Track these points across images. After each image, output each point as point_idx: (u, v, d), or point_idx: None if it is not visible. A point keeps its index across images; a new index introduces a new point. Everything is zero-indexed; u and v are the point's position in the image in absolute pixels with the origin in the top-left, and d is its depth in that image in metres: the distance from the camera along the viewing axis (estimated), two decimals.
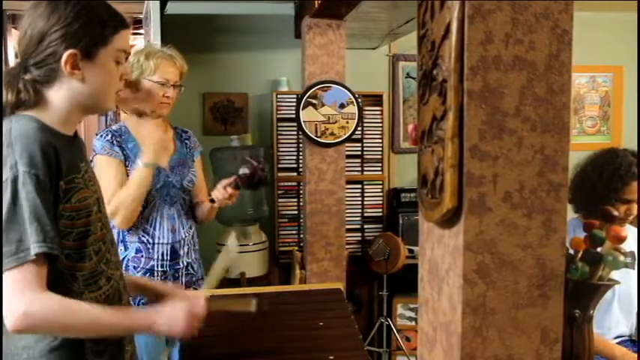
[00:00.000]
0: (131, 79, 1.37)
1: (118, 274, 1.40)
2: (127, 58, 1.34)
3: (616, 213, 1.31)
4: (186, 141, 2.25)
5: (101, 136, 2.06)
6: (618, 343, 2.06)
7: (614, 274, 1.27)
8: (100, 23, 1.25)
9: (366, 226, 3.68)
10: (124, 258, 2.06)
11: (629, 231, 1.96)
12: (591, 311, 1.24)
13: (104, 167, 1.99)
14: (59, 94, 1.26)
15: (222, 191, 2.13)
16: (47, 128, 1.24)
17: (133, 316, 1.32)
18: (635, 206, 2.00)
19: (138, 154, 2.07)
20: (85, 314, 1.20)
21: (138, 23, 3.32)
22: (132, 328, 1.31)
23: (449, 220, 0.80)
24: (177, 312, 1.32)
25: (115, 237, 1.99)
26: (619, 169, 1.99)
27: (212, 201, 2.18)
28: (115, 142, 2.05)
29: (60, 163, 1.21)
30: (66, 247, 1.24)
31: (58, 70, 1.23)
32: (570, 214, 2.09)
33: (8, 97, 1.25)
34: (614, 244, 1.23)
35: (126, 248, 2.09)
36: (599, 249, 1.25)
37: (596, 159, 2.08)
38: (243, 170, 2.10)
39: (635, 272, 2.01)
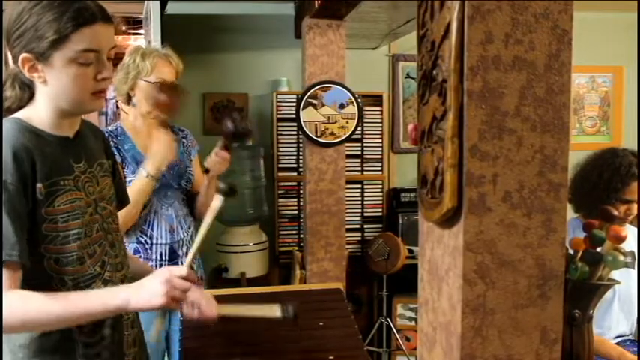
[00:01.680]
0: (112, 77, 1.26)
1: (118, 276, 1.37)
2: (107, 56, 1.23)
3: (616, 213, 1.31)
4: (183, 140, 2.25)
5: None
6: (618, 343, 2.06)
7: (614, 274, 1.27)
8: (51, 24, 1.15)
9: (366, 226, 3.68)
10: None
11: (629, 231, 1.96)
12: (591, 311, 1.24)
13: None
14: (40, 95, 1.24)
15: (213, 157, 2.10)
16: (31, 130, 1.22)
17: (103, 297, 1.18)
18: (634, 206, 2.00)
19: (135, 155, 2.07)
20: (45, 307, 1.13)
21: (138, 23, 3.32)
22: (106, 310, 1.18)
23: (449, 220, 0.80)
24: (153, 281, 1.20)
25: None
26: (619, 169, 1.99)
27: (206, 171, 2.14)
28: (111, 143, 2.04)
29: (36, 167, 1.18)
30: (53, 251, 1.22)
31: None
32: (570, 214, 2.09)
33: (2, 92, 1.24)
34: (614, 243, 1.24)
35: None
36: (598, 249, 1.25)
37: (596, 159, 2.08)
38: (226, 125, 2.06)
39: (634, 272, 2.01)
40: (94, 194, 1.32)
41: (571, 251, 1.26)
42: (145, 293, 1.19)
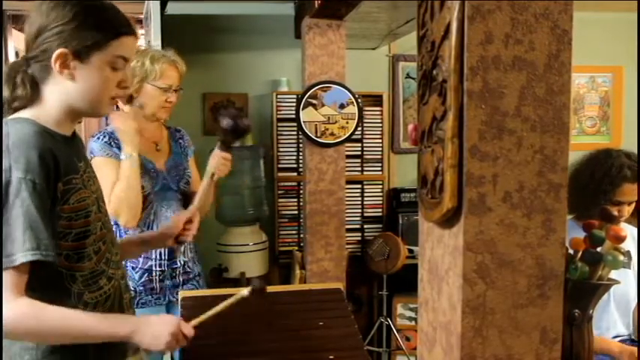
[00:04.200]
0: (130, 85, 1.35)
1: (119, 274, 1.40)
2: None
3: (615, 213, 1.31)
4: (180, 140, 2.27)
5: (98, 138, 2.06)
6: None
7: (612, 274, 1.27)
8: (98, 27, 1.24)
9: (366, 226, 3.68)
10: None
11: (628, 230, 1.95)
12: (591, 311, 1.24)
13: (104, 168, 1.99)
14: (53, 93, 1.27)
15: (216, 159, 1.95)
16: (45, 131, 1.24)
17: (113, 322, 1.26)
18: (625, 207, 1.99)
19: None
20: (57, 322, 1.18)
21: (138, 23, 3.32)
22: (111, 335, 1.24)
23: (449, 220, 0.80)
24: (163, 326, 1.28)
25: None
26: (610, 169, 1.97)
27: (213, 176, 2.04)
28: (112, 143, 2.05)
29: (58, 166, 1.21)
30: (65, 248, 1.24)
31: (51, 68, 1.23)
32: None
33: (7, 91, 1.26)
34: (614, 243, 1.24)
35: None
36: (598, 249, 1.25)
37: (590, 159, 2.08)
38: (226, 122, 1.90)
39: (631, 271, 2.01)
40: (95, 192, 1.35)
41: (571, 251, 1.26)
42: (149, 335, 1.26)
